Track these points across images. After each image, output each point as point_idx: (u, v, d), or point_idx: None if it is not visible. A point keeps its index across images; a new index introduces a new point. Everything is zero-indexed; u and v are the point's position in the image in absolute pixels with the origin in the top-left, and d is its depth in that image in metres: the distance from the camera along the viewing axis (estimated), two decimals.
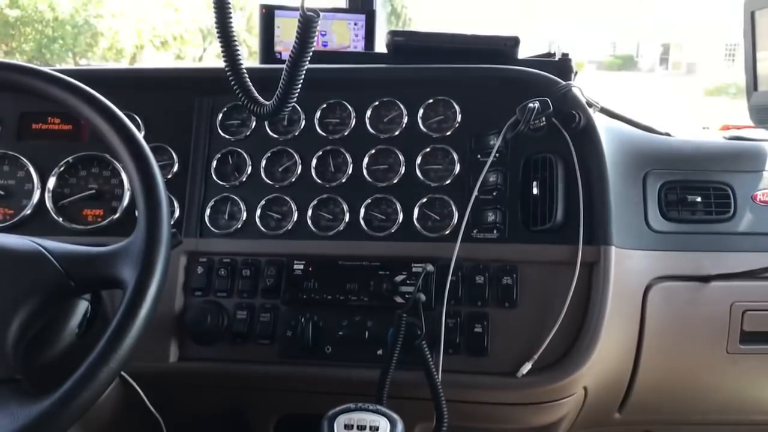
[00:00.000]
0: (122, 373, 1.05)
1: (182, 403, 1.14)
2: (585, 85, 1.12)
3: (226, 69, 0.92)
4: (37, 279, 0.81)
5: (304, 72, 0.90)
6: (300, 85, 0.91)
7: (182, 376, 1.08)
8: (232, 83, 0.93)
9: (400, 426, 0.75)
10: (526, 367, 0.98)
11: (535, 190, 1.05)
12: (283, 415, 1.14)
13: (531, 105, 1.03)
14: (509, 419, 1.05)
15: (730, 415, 1.18)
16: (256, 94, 0.95)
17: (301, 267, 1.08)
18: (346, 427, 0.75)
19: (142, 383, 1.07)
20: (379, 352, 1.02)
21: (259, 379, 1.07)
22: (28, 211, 1.16)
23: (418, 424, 1.07)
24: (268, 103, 0.95)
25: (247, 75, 0.93)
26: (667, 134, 1.23)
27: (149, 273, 0.76)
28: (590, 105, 1.11)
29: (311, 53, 0.88)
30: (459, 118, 1.12)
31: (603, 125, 1.10)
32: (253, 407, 1.14)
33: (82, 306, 0.94)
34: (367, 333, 1.04)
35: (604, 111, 1.18)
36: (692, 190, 1.12)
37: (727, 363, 1.07)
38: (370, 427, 0.75)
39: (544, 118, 1.03)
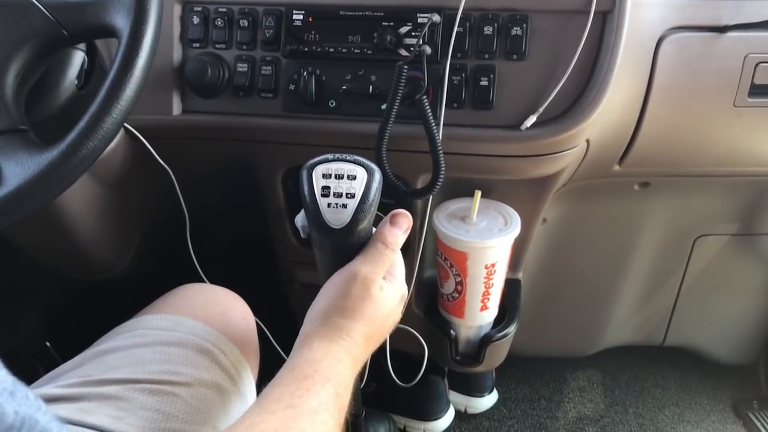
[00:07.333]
0: (128, 125, 1.06)
1: (190, 155, 1.16)
2: None
3: None
4: (28, 28, 0.78)
5: None
6: None
7: (187, 129, 1.09)
8: None
9: (377, 175, 0.77)
10: (531, 120, 0.98)
11: None
12: (289, 167, 1.17)
13: None
14: (511, 171, 1.07)
15: (724, 167, 1.20)
16: None
17: (301, 17, 1.03)
18: (324, 176, 0.76)
19: (148, 136, 1.08)
20: (383, 106, 1.01)
21: (264, 132, 1.08)
22: None
23: (421, 176, 1.10)
24: None
25: None
26: None
27: (143, 20, 0.73)
28: None
29: None
30: None
31: None
32: (259, 160, 1.16)
33: (79, 57, 0.92)
34: (371, 87, 1.02)
35: None
36: None
37: (732, 116, 1.07)
38: (348, 176, 0.76)
39: None
